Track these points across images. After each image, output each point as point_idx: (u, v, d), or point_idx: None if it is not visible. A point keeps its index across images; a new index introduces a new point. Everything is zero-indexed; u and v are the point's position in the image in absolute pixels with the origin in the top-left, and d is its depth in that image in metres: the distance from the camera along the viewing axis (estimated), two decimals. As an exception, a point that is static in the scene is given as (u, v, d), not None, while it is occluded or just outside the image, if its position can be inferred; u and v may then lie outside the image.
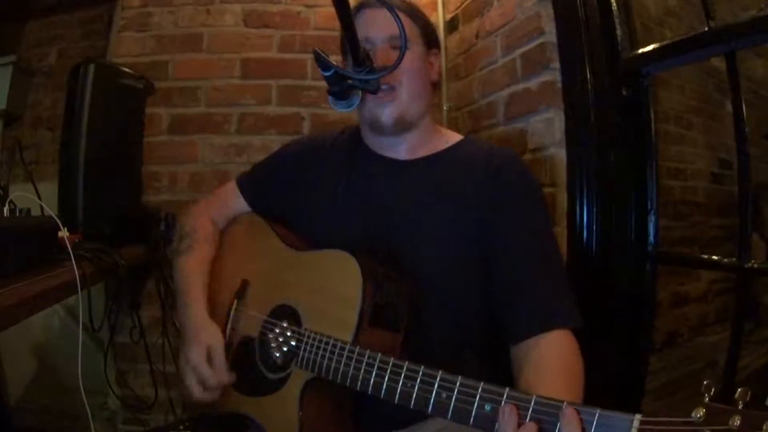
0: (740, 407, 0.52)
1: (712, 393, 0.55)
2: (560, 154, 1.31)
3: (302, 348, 0.90)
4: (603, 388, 1.19)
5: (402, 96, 0.99)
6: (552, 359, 0.84)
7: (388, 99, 0.98)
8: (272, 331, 0.97)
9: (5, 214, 1.08)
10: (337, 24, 0.79)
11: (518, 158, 1.06)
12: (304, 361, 0.89)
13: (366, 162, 1.08)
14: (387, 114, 0.99)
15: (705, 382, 0.56)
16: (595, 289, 1.24)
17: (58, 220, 1.10)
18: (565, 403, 0.61)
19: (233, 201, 1.20)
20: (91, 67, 1.38)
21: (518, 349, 0.88)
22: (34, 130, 2.20)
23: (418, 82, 1.02)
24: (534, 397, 0.64)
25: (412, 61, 0.99)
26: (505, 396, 0.65)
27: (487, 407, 0.66)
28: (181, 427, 1.08)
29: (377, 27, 1.00)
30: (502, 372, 0.91)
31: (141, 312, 1.75)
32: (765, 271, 1.08)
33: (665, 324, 1.86)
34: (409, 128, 1.04)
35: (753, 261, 1.03)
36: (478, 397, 0.67)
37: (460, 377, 0.70)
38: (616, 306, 1.25)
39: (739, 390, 0.53)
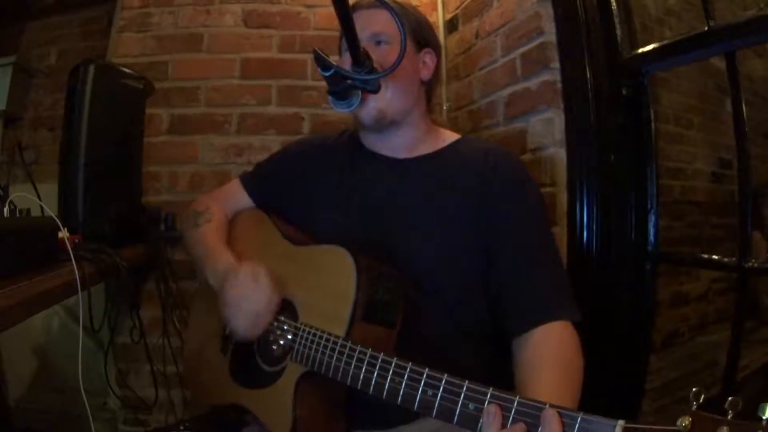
0: (730, 417, 0.50)
1: (700, 400, 0.53)
2: (560, 154, 1.32)
3: (297, 342, 0.90)
4: (603, 388, 1.19)
5: (383, 92, 0.96)
6: (548, 350, 0.84)
7: (368, 95, 0.97)
8: (270, 324, 0.97)
9: (5, 215, 1.08)
10: (337, 24, 0.79)
11: (515, 156, 1.07)
12: (299, 354, 0.89)
13: (365, 161, 1.09)
14: (367, 109, 0.99)
15: (693, 390, 0.54)
16: (595, 289, 1.25)
17: (58, 221, 1.10)
18: (547, 405, 0.61)
19: (237, 197, 1.22)
20: (91, 67, 1.38)
21: (518, 343, 0.88)
22: (34, 131, 2.20)
23: (402, 80, 1.01)
24: (517, 398, 0.63)
25: (393, 57, 0.94)
26: (488, 395, 0.65)
27: (471, 406, 0.66)
28: (182, 428, 1.08)
29: (360, 25, 1.00)
30: (500, 367, 0.91)
31: (141, 312, 1.75)
32: (765, 271, 1.08)
33: (665, 324, 1.86)
34: (395, 125, 1.03)
35: (753, 260, 1.03)
36: (462, 396, 0.67)
37: (446, 375, 0.70)
38: (616, 306, 1.25)
39: (730, 399, 0.51)
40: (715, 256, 1.19)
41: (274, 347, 0.96)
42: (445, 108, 1.97)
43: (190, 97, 1.90)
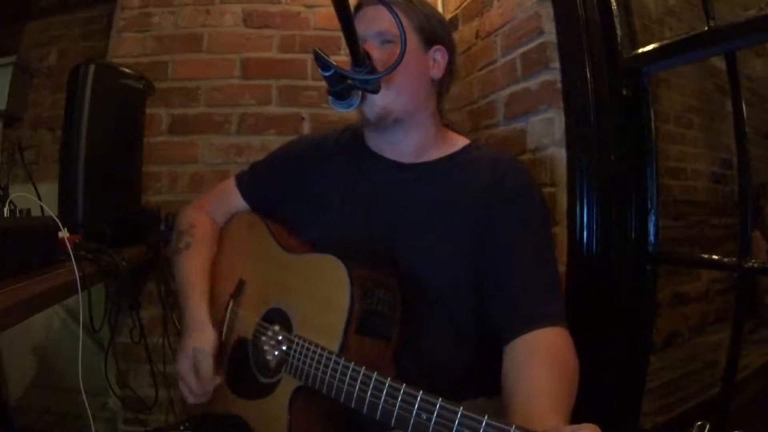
0: None
1: None
2: (560, 154, 1.31)
3: (291, 354, 0.89)
4: (603, 388, 1.19)
5: (386, 90, 0.94)
6: (540, 351, 0.82)
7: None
8: (265, 334, 0.96)
9: (5, 215, 1.08)
10: (337, 24, 0.79)
11: (523, 166, 1.05)
12: (293, 368, 0.88)
13: (370, 164, 1.07)
14: (371, 106, 0.97)
15: (698, 423, 0.53)
16: (595, 289, 1.24)
17: (58, 221, 1.10)
18: None
19: (232, 199, 1.19)
20: (91, 67, 1.38)
21: (509, 348, 0.87)
22: (34, 131, 2.20)
23: (407, 79, 0.99)
24: (513, 428, 0.61)
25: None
26: (483, 423, 0.63)
27: None
28: (182, 428, 1.08)
29: (365, 23, 0.99)
30: (498, 374, 0.90)
31: (141, 312, 1.75)
32: (765, 271, 1.08)
33: (665, 324, 1.86)
34: (400, 124, 1.01)
35: (753, 260, 1.03)
36: (456, 422, 0.65)
37: (440, 399, 0.68)
38: (616, 306, 1.25)
39: None
40: (715, 256, 1.19)
41: (269, 358, 0.94)
42: (445, 108, 1.96)
43: (190, 97, 1.90)
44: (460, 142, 1.09)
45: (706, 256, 1.25)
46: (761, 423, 0.49)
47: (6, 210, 1.08)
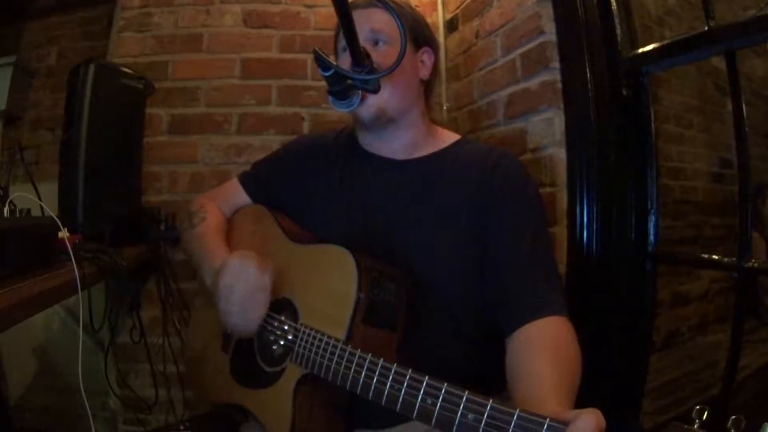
0: None
1: (704, 418, 0.53)
2: (560, 154, 1.31)
3: (297, 343, 0.90)
4: (603, 388, 1.19)
5: (382, 90, 0.95)
6: (542, 341, 0.82)
7: (368, 95, 0.96)
8: (270, 324, 0.97)
9: (5, 215, 1.08)
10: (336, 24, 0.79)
11: (513, 157, 1.06)
12: (299, 356, 0.89)
13: (363, 162, 1.08)
14: (366, 107, 0.98)
15: (697, 407, 0.53)
16: (595, 288, 1.25)
17: (58, 221, 1.10)
18: (547, 420, 0.59)
19: (236, 196, 1.21)
20: (91, 67, 1.38)
21: (512, 339, 0.87)
22: (34, 131, 2.20)
23: (401, 79, 1.00)
24: (517, 411, 0.61)
25: (392, 57, 0.92)
26: (488, 407, 0.64)
27: (470, 417, 0.65)
28: (182, 428, 1.08)
29: (358, 24, 1.00)
30: (499, 369, 0.91)
31: (141, 312, 1.75)
32: (765, 271, 1.08)
33: (665, 324, 1.86)
34: (394, 123, 1.03)
35: (753, 260, 1.03)
36: (462, 406, 0.66)
37: (446, 384, 0.68)
38: (616, 306, 1.25)
39: (733, 417, 0.51)
40: (715, 256, 1.19)
41: (275, 347, 0.95)
42: (445, 108, 1.97)
43: (190, 97, 1.90)
44: (451, 138, 1.10)
45: (706, 256, 1.25)
46: (761, 423, 0.49)
47: (6, 210, 1.08)
